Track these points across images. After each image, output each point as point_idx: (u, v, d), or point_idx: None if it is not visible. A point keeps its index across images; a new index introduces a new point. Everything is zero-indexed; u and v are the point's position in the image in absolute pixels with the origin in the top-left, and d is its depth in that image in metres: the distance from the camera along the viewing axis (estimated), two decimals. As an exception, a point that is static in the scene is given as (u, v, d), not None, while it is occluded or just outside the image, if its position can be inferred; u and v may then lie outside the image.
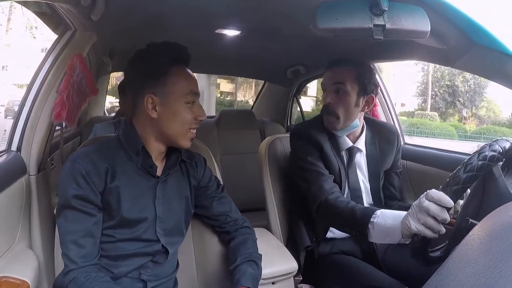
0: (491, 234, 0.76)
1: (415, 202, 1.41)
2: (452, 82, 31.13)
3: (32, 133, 1.87)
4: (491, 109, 32.45)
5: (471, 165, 1.29)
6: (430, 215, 1.32)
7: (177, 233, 1.65)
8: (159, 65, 1.49)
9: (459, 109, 30.58)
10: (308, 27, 1.28)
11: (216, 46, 3.00)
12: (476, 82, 30.57)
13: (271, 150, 2.35)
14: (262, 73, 4.52)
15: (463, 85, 31.13)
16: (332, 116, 2.03)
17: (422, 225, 1.35)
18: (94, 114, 4.28)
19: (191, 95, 1.52)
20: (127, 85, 1.60)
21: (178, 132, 1.53)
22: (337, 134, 2.08)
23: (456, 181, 1.30)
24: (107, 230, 1.47)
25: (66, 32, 2.04)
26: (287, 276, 1.80)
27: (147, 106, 1.48)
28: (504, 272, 0.59)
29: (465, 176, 1.29)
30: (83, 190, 1.40)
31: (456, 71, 26.94)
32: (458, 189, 1.30)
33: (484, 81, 29.52)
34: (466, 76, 30.04)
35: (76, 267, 1.36)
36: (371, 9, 1.24)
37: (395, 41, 2.09)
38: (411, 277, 1.74)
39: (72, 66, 1.91)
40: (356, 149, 2.13)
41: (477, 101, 31.82)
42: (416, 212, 1.38)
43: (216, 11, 2.13)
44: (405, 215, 1.45)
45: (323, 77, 2.12)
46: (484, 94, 32.06)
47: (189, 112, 1.52)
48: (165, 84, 1.48)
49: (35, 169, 1.88)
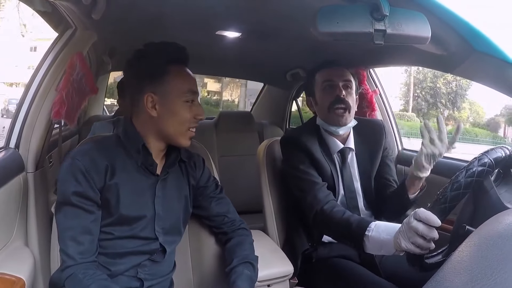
0: (487, 242, 0.76)
1: (405, 220, 1.43)
2: (434, 83, 31.47)
3: (30, 130, 1.87)
4: (475, 110, 33.21)
5: (458, 183, 1.30)
6: (419, 234, 1.34)
7: (175, 232, 1.65)
8: (158, 64, 1.50)
9: (441, 110, 30.81)
10: (308, 30, 1.28)
11: (217, 48, 3.00)
12: (458, 84, 31.13)
13: (269, 152, 2.35)
14: (262, 76, 4.53)
15: (445, 87, 31.64)
16: (346, 109, 2.04)
17: (411, 243, 1.37)
18: (93, 113, 4.29)
19: (190, 94, 1.53)
20: (126, 85, 1.61)
21: (177, 131, 1.53)
22: (339, 131, 2.08)
23: (443, 200, 1.32)
24: (105, 227, 1.48)
25: (67, 31, 2.04)
26: (282, 279, 1.80)
27: (147, 105, 1.49)
28: (500, 280, 0.59)
29: (452, 194, 1.30)
30: (82, 187, 1.41)
31: (439, 73, 27.42)
32: (445, 208, 1.32)
33: (466, 83, 30.58)
34: (448, 78, 30.58)
35: (74, 263, 1.36)
36: (372, 13, 1.24)
37: (395, 46, 2.10)
38: (408, 282, 1.74)
39: (72, 64, 1.92)
40: (348, 149, 2.14)
41: (458, 103, 32.32)
42: (406, 230, 1.40)
43: (216, 13, 2.13)
44: (397, 232, 1.47)
45: (324, 75, 2.13)
46: (466, 96, 32.72)
47: (188, 111, 1.53)
48: (164, 83, 1.49)
49: (33, 167, 1.88)
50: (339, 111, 2.04)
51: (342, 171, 2.13)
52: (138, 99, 1.52)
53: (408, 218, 1.40)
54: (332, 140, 2.12)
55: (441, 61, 1.80)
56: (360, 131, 2.19)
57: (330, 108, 2.06)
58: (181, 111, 1.51)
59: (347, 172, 2.13)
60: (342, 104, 2.04)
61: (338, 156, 2.14)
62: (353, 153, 2.16)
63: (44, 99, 1.89)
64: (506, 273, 0.61)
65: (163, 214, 1.58)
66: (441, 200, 1.31)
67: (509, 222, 0.85)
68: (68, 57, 1.93)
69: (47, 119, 1.90)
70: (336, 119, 2.06)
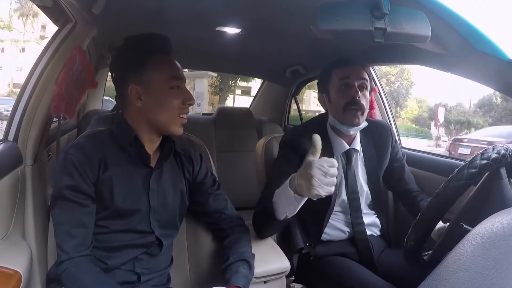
0: (485, 241, 0.76)
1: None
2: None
3: (29, 124, 1.87)
4: (412, 107, 36.87)
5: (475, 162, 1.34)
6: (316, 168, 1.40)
7: (171, 226, 1.66)
8: (138, 55, 1.51)
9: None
10: (308, 27, 1.27)
11: (216, 44, 3.00)
12: (401, 84, 34.50)
13: (268, 149, 2.35)
14: (261, 72, 4.53)
15: (388, 87, 33.91)
16: (360, 111, 2.02)
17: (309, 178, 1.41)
18: (92, 107, 4.28)
19: (174, 80, 1.53)
20: (112, 80, 1.61)
21: (167, 119, 1.54)
22: (350, 130, 2.07)
23: (460, 176, 1.34)
24: (101, 221, 1.48)
25: (67, 25, 2.04)
26: (279, 276, 1.79)
27: (132, 96, 1.50)
28: (497, 280, 0.59)
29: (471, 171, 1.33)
30: (76, 181, 1.42)
31: (381, 74, 29.71)
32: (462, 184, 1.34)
33: (408, 84, 34.66)
34: (390, 79, 33.35)
35: (68, 257, 1.37)
36: (372, 11, 1.24)
37: (395, 45, 2.10)
38: (405, 280, 1.75)
39: (72, 58, 1.91)
40: (353, 150, 2.14)
41: (400, 101, 35.26)
42: (302, 168, 1.46)
43: (216, 8, 2.13)
44: (292, 177, 1.55)
45: (341, 73, 2.09)
46: (409, 95, 36.34)
47: (175, 97, 1.53)
48: (146, 73, 1.50)
49: (31, 160, 1.88)
50: (354, 112, 2.02)
51: (346, 172, 2.13)
52: (123, 92, 1.54)
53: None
54: (338, 140, 2.12)
55: (441, 60, 1.80)
56: (367, 132, 2.19)
57: (346, 108, 2.04)
58: (168, 98, 1.52)
59: (351, 173, 2.13)
60: (356, 106, 2.02)
61: (343, 157, 2.14)
62: (358, 154, 2.17)
63: (44, 93, 1.88)
64: (503, 273, 0.61)
65: (158, 207, 1.58)
66: (458, 177, 1.33)
67: (506, 222, 0.85)
68: (68, 51, 1.93)
69: (46, 113, 1.90)
70: (351, 120, 2.04)
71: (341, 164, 2.13)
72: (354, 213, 2.11)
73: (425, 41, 1.33)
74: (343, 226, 2.15)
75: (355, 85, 2.04)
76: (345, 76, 2.08)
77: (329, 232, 2.15)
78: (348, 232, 2.15)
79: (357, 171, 2.17)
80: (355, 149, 2.15)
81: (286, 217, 1.64)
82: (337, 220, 2.15)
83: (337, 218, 2.15)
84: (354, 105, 2.02)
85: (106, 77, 4.70)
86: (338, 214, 2.15)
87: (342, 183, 2.13)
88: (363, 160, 2.19)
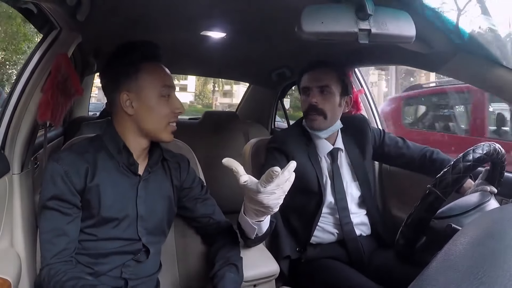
0: (473, 241, 0.77)
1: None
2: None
3: (16, 131, 1.86)
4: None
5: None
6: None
7: (159, 233, 1.66)
8: (130, 63, 1.52)
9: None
10: (293, 30, 1.28)
11: (201, 48, 3.00)
12: None
13: (255, 152, 2.36)
14: (247, 76, 4.53)
15: None
16: (320, 116, 2.05)
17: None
18: (79, 114, 4.27)
19: (165, 89, 1.54)
20: (103, 87, 1.61)
21: (156, 127, 1.55)
22: (320, 135, 2.10)
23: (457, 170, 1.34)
24: (88, 228, 1.49)
25: (52, 32, 2.03)
26: (269, 279, 1.79)
27: (123, 103, 1.51)
28: (486, 279, 0.59)
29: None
30: (60, 190, 1.42)
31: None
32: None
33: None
34: None
35: (47, 264, 1.38)
36: (357, 13, 1.25)
37: (380, 46, 2.11)
38: (395, 281, 1.75)
39: (57, 66, 1.90)
40: (337, 150, 2.16)
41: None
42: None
43: (201, 13, 2.14)
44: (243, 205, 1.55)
45: (304, 79, 2.14)
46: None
47: (165, 105, 1.54)
48: (137, 80, 1.51)
49: (18, 168, 1.87)
50: (314, 117, 2.07)
51: (332, 172, 2.15)
52: (114, 99, 1.54)
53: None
54: (321, 141, 2.15)
55: (426, 60, 1.82)
56: (346, 130, 2.21)
57: (307, 114, 2.11)
58: (158, 106, 1.53)
59: (337, 173, 2.15)
60: (314, 112, 2.06)
61: (328, 158, 2.16)
62: (341, 153, 2.18)
63: (30, 100, 1.87)
64: (493, 271, 0.61)
65: (146, 214, 1.58)
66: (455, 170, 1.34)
67: (496, 221, 0.86)
68: (53, 58, 1.92)
69: (32, 120, 1.89)
70: (311, 125, 2.11)
71: (327, 165, 2.15)
72: (342, 213, 2.11)
73: (410, 42, 1.34)
74: (332, 228, 2.15)
75: (313, 91, 2.08)
76: (304, 84, 2.13)
77: (318, 235, 2.15)
78: (337, 234, 2.15)
79: (342, 170, 2.18)
80: (339, 148, 2.17)
81: (257, 235, 1.64)
82: (326, 222, 2.15)
83: (326, 221, 2.15)
84: (312, 111, 2.07)
85: (92, 84, 4.68)
86: (327, 216, 2.15)
87: (328, 184, 2.14)
88: (347, 157, 2.20)
